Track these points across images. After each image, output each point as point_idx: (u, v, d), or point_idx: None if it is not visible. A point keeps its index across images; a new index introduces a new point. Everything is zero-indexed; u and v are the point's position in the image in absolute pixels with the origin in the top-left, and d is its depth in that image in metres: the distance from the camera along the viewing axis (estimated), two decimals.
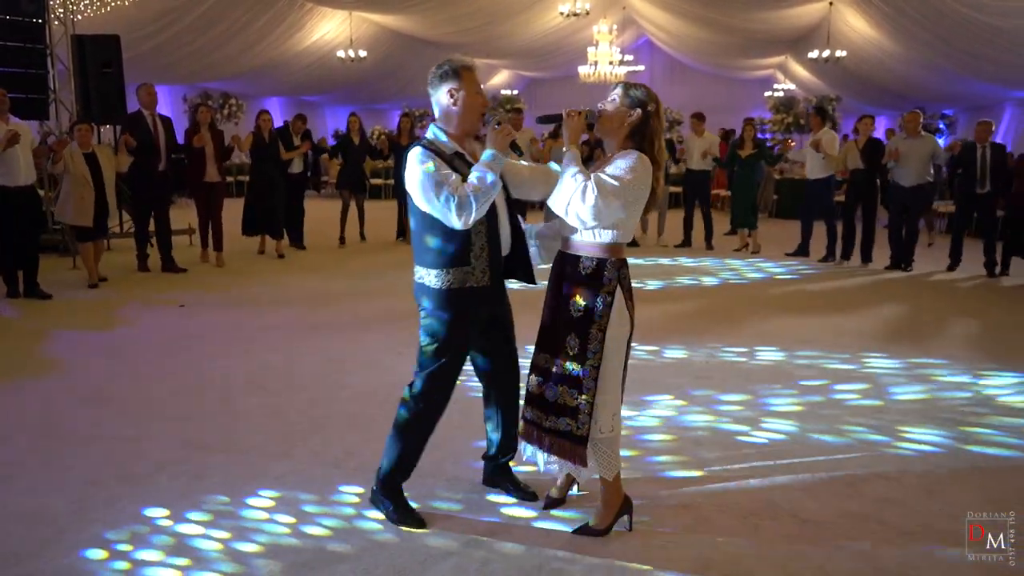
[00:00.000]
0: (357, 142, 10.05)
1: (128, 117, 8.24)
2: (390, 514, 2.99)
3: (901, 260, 8.88)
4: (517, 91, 26.14)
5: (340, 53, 16.96)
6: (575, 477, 3.03)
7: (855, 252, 9.25)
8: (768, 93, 22.64)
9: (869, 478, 3.42)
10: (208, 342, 5.59)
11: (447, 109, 2.88)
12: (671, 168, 11.07)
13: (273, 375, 4.83)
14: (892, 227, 8.97)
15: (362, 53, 16.95)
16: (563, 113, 2.85)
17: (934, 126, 18.68)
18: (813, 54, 16.34)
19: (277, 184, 9.12)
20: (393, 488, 3.02)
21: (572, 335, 2.77)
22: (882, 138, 10.57)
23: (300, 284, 7.78)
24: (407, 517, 2.98)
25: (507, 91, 24.93)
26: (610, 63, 21.09)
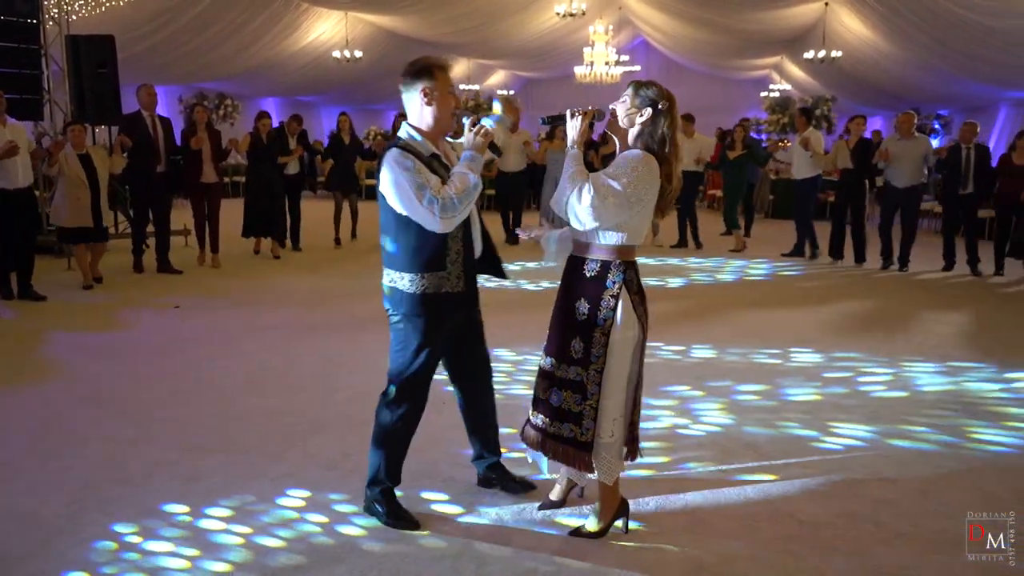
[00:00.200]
0: (348, 141, 9.99)
1: (127, 118, 8.20)
2: (384, 517, 2.98)
3: (890, 260, 8.93)
4: (514, 91, 26.13)
5: (336, 53, 16.92)
6: (576, 481, 3.01)
7: (847, 252, 9.27)
8: (764, 93, 22.64)
9: (865, 479, 3.42)
10: (205, 343, 5.58)
11: (421, 108, 2.84)
12: None
13: (270, 376, 4.81)
14: (883, 227, 9.00)
15: (358, 53, 16.92)
16: (567, 113, 2.81)
17: (929, 127, 18.72)
18: (809, 54, 16.35)
19: (274, 186, 9.10)
20: (385, 491, 3.00)
21: (576, 339, 2.74)
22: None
23: (296, 285, 7.76)
24: (401, 519, 2.97)
25: (503, 91, 24.91)
26: (606, 63, 21.09)
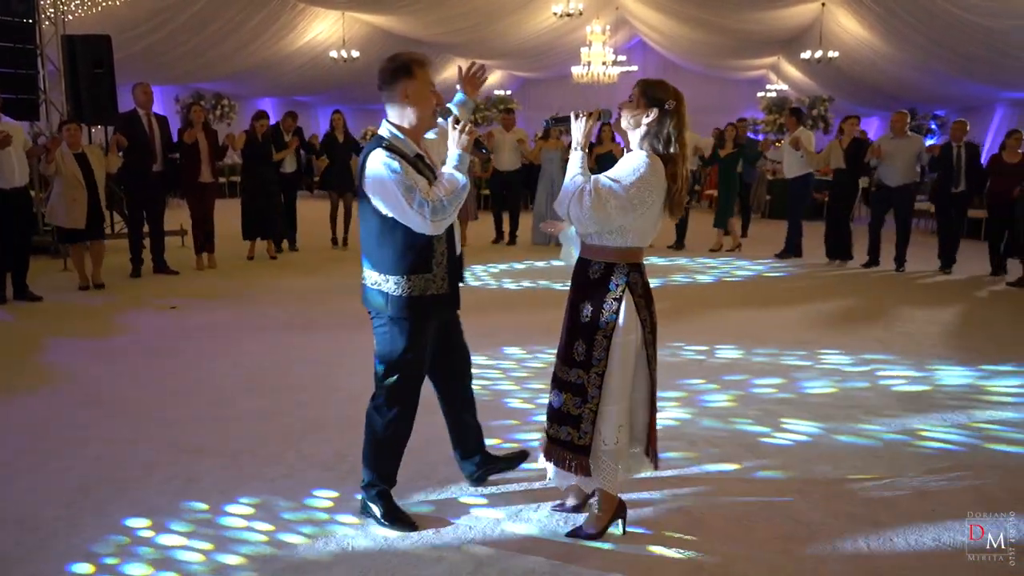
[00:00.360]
0: (342, 140, 9.86)
1: (123, 116, 8.17)
2: (380, 518, 2.97)
3: (877, 259, 8.97)
4: (511, 91, 26.11)
5: (333, 53, 16.91)
6: (584, 489, 2.95)
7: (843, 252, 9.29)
8: (761, 94, 22.68)
9: (862, 479, 3.42)
10: (202, 344, 5.56)
11: (402, 108, 2.80)
12: None
13: (267, 377, 4.80)
14: (873, 225, 9.03)
15: (355, 53, 16.90)
16: (573, 114, 2.79)
17: (926, 127, 18.75)
18: (805, 55, 16.36)
19: (270, 185, 9.06)
20: (381, 493, 2.99)
21: (579, 341, 2.73)
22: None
23: (293, 285, 7.75)
24: (398, 521, 2.96)
25: (500, 91, 24.90)
26: (603, 63, 21.11)
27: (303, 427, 3.96)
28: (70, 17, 10.30)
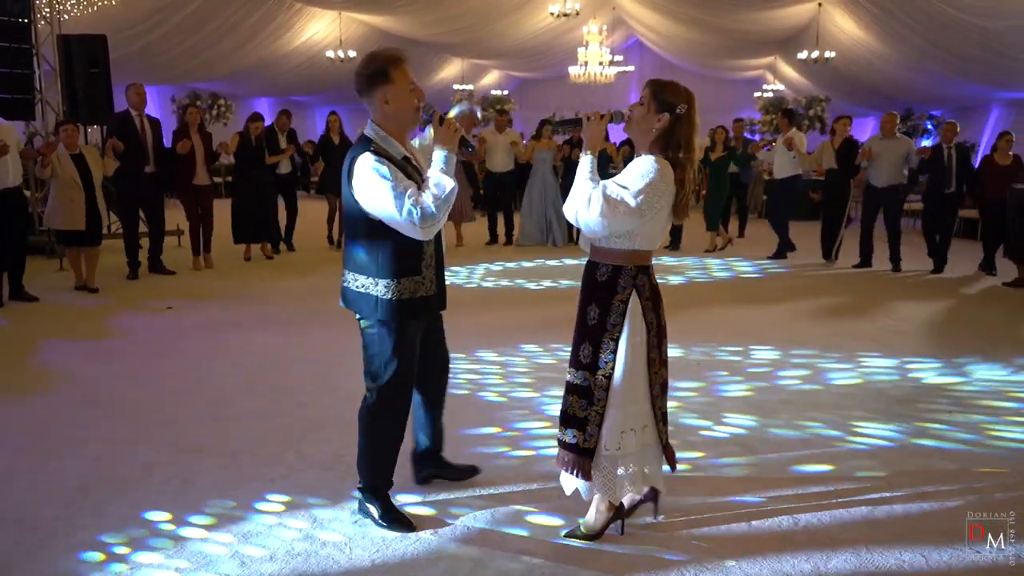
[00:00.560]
0: (337, 142, 9.78)
1: (115, 117, 8.14)
2: (378, 519, 2.96)
3: (869, 260, 8.99)
4: (507, 91, 26.11)
5: (329, 53, 16.89)
6: (581, 492, 2.87)
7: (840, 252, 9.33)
8: (758, 94, 22.71)
9: (860, 478, 3.43)
10: (199, 345, 5.55)
11: (383, 112, 2.77)
12: None
13: (265, 377, 4.80)
14: (864, 227, 9.06)
15: (351, 53, 16.88)
16: (582, 116, 2.77)
17: (922, 127, 18.79)
18: (802, 55, 16.38)
19: (264, 187, 8.96)
20: (378, 494, 2.99)
21: (586, 343, 2.73)
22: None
23: (290, 286, 7.74)
24: (395, 521, 2.95)
25: (497, 91, 24.89)
26: (600, 63, 21.13)
27: (302, 427, 3.96)
28: (66, 17, 10.27)
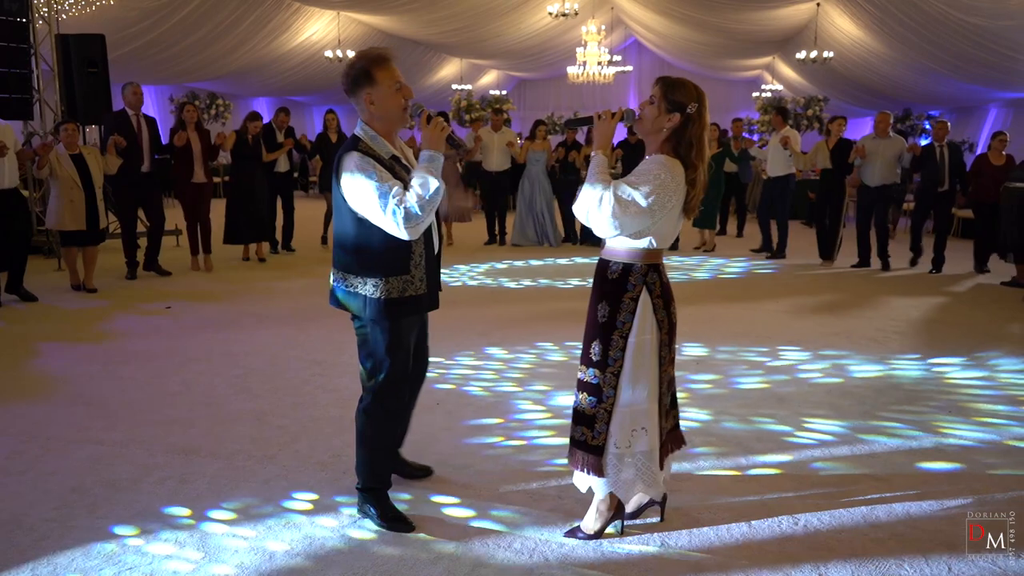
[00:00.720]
0: (335, 140, 9.71)
1: (112, 116, 8.11)
2: (377, 519, 2.96)
3: (867, 260, 8.99)
4: (506, 91, 26.12)
5: (328, 53, 16.89)
6: (593, 488, 2.87)
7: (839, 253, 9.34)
8: (756, 94, 22.73)
9: (859, 478, 3.42)
10: (195, 345, 5.54)
11: (369, 111, 2.75)
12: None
13: (259, 379, 4.78)
14: (860, 226, 9.07)
15: (350, 53, 16.87)
16: (594, 116, 2.76)
17: (920, 127, 18.80)
18: (800, 55, 16.39)
19: (260, 187, 8.87)
20: (376, 494, 2.98)
21: (596, 341, 2.73)
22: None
23: (287, 286, 7.72)
24: (395, 521, 2.94)
25: (496, 91, 24.90)
26: (599, 63, 21.12)
27: (298, 428, 3.95)
28: (64, 16, 10.26)
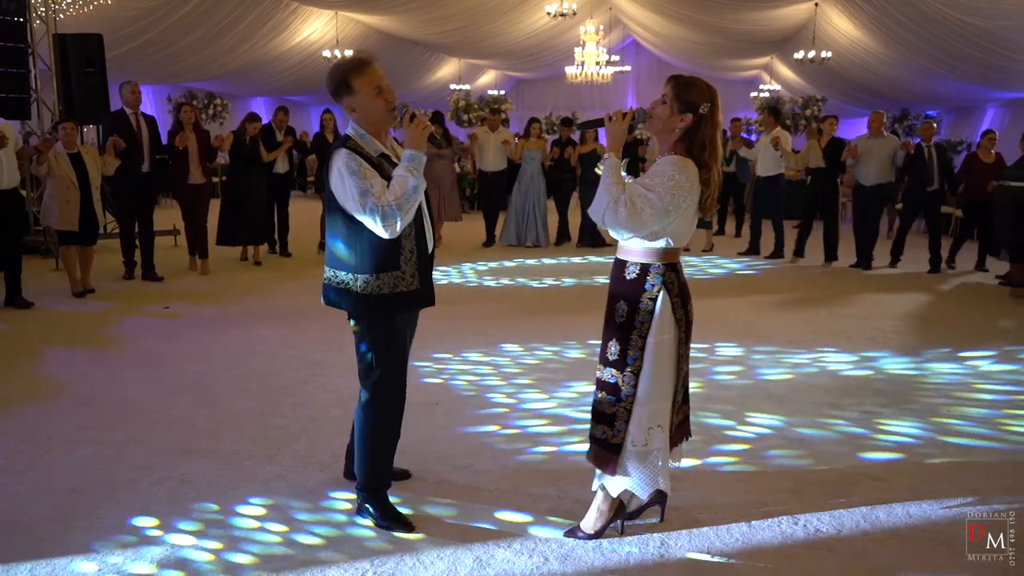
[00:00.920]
0: (332, 140, 9.51)
1: (111, 116, 8.08)
2: (377, 519, 2.95)
3: (868, 259, 9.02)
4: (504, 91, 26.10)
5: (326, 53, 16.88)
6: (608, 488, 2.86)
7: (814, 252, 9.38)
8: (754, 94, 22.73)
9: (859, 478, 3.42)
10: (194, 345, 5.53)
11: (352, 117, 2.78)
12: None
13: (257, 379, 4.78)
14: (856, 226, 9.08)
15: (348, 53, 16.85)
16: (605, 117, 2.76)
17: (918, 127, 18.81)
18: (799, 55, 16.39)
19: (257, 188, 8.79)
20: (376, 494, 2.98)
21: (614, 340, 2.74)
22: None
23: (285, 286, 7.72)
24: (394, 521, 2.94)
25: (494, 91, 24.88)
26: (597, 63, 21.12)
27: (297, 428, 3.94)
28: (62, 16, 10.24)
